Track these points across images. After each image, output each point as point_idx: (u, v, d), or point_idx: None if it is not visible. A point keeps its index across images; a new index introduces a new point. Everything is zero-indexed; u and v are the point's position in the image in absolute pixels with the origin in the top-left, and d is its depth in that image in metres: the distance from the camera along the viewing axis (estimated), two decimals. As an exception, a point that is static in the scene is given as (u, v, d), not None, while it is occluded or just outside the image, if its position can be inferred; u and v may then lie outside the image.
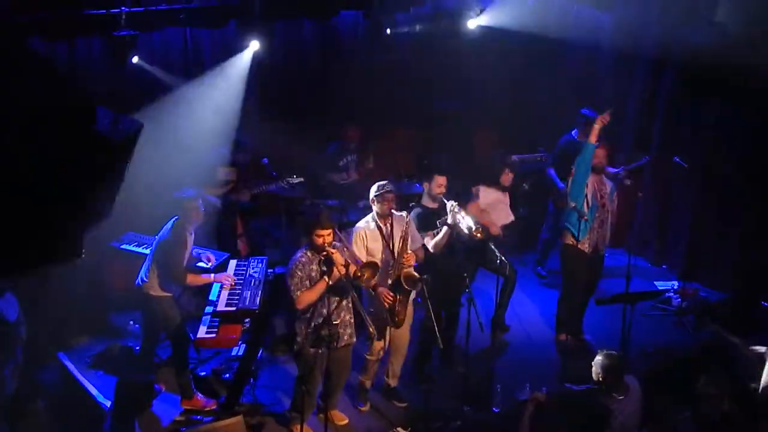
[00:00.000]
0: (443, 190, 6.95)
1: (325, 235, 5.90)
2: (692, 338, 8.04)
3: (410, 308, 6.74)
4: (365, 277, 5.97)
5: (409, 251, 6.53)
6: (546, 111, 9.66)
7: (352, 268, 6.01)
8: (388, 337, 6.66)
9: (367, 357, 6.72)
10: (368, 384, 6.87)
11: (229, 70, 8.57)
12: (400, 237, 6.52)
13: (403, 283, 6.44)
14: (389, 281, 6.51)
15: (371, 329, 6.13)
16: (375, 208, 6.56)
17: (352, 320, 6.28)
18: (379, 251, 6.53)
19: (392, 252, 6.54)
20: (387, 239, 6.55)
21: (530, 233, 9.63)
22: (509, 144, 9.97)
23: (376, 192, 6.53)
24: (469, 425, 6.44)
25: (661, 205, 9.73)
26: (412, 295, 6.67)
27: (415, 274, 6.46)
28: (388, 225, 6.58)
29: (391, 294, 6.42)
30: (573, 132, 8.96)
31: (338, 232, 6.25)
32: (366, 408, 6.87)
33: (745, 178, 8.80)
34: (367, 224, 6.58)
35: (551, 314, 8.17)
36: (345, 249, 6.23)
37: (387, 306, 6.44)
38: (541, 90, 10.13)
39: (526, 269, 9.56)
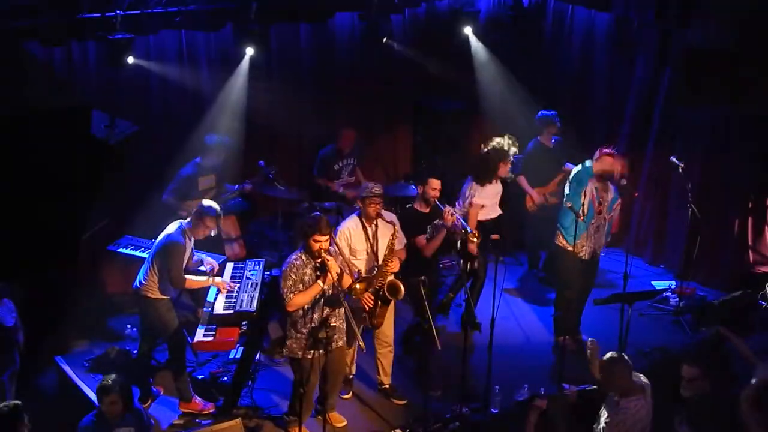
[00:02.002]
0: (437, 194, 6.96)
1: (322, 241, 5.90)
2: (690, 337, 8.05)
3: (392, 304, 6.76)
4: (359, 289, 5.99)
5: (394, 259, 6.53)
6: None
7: (346, 276, 6.01)
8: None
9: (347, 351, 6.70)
10: (350, 371, 6.90)
11: (231, 81, 8.60)
12: (388, 244, 6.51)
13: (386, 292, 6.46)
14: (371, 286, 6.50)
15: (360, 342, 6.11)
16: (362, 209, 6.59)
17: (343, 326, 6.27)
18: (363, 252, 6.56)
19: (376, 255, 6.56)
20: (372, 242, 6.57)
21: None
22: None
23: (364, 194, 6.56)
24: (467, 426, 6.44)
25: (658, 205, 9.73)
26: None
27: (398, 282, 6.47)
28: (374, 227, 6.60)
29: (373, 297, 6.43)
30: (537, 138, 9.00)
31: (335, 239, 6.25)
32: (348, 396, 6.95)
33: (743, 177, 8.81)
34: (352, 224, 6.61)
35: (549, 315, 8.17)
36: (339, 256, 6.23)
37: (367, 309, 6.44)
38: (538, 89, 10.15)
39: (522, 269, 9.58)
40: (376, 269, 6.53)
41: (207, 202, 6.64)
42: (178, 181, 7.96)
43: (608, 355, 5.52)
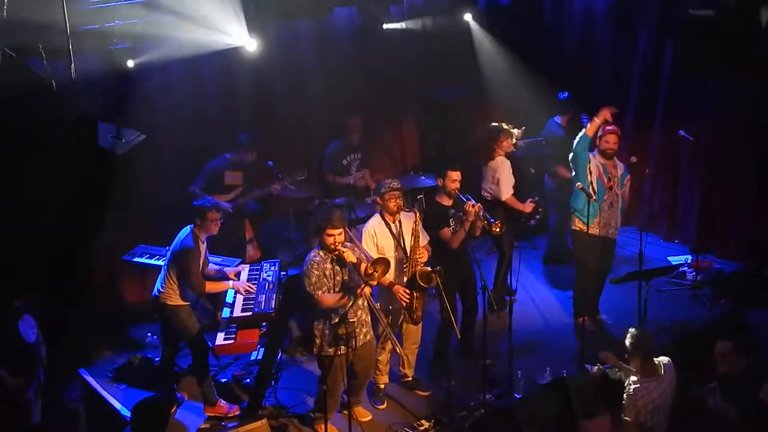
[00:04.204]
0: (458, 185, 6.88)
1: (335, 235, 5.92)
2: (709, 311, 8.02)
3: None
4: (377, 274, 5.97)
5: (421, 247, 6.54)
6: (546, 92, 9.59)
7: (364, 266, 6.02)
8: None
9: (378, 358, 6.73)
10: (383, 381, 6.88)
11: (234, 80, 8.61)
12: (411, 234, 6.52)
13: (419, 280, 6.45)
14: (404, 279, 6.52)
15: (383, 325, 6.13)
16: (382, 205, 6.57)
17: (368, 318, 6.29)
18: (391, 249, 6.55)
19: (404, 249, 6.56)
20: (397, 237, 6.57)
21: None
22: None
23: (382, 190, 6.53)
24: (492, 413, 6.44)
25: (670, 180, 9.68)
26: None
27: (429, 269, 6.45)
28: (397, 222, 6.60)
29: (408, 291, 6.43)
30: (556, 117, 8.96)
31: (349, 232, 6.26)
32: (383, 406, 6.86)
33: (753, 146, 8.76)
34: (375, 222, 6.60)
35: (567, 298, 8.16)
36: (355, 248, 6.24)
37: (405, 304, 6.46)
38: (542, 70, 10.11)
39: (537, 253, 9.56)
40: (406, 263, 6.54)
41: (207, 199, 6.70)
42: (205, 173, 8.07)
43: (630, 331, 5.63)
